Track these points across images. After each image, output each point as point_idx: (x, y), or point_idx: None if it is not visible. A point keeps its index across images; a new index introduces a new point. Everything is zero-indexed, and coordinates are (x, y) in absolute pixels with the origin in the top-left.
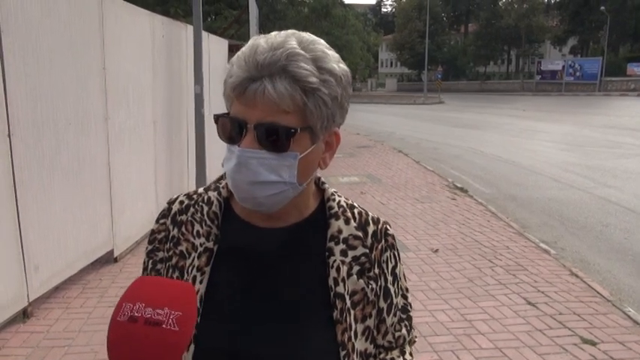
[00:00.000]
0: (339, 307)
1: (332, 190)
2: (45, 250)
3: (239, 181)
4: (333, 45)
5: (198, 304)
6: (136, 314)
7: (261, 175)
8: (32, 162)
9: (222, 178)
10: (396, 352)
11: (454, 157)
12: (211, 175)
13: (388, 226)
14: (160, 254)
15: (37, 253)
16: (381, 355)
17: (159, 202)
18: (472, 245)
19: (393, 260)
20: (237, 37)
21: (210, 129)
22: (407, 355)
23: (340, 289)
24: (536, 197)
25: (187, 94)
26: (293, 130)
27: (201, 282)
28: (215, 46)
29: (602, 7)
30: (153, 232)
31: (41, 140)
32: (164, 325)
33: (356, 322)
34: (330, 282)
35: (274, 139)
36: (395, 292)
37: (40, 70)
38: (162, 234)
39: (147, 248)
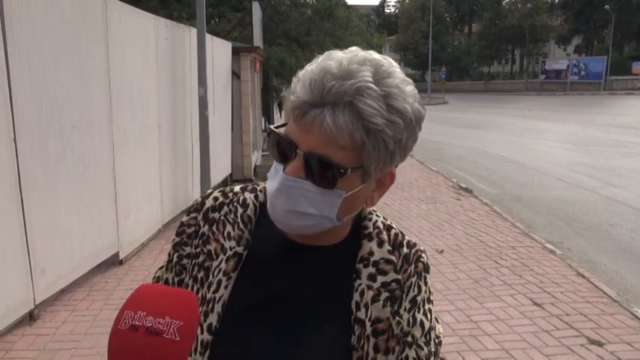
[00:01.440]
0: (357, 333)
1: (370, 208)
2: (51, 253)
3: (277, 206)
4: (336, 46)
5: (220, 310)
6: (137, 323)
7: (300, 206)
8: (37, 165)
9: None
10: None
11: (458, 158)
12: (215, 177)
13: (423, 255)
14: (188, 249)
15: (43, 256)
16: None
17: (164, 205)
18: (477, 246)
19: (416, 289)
20: (240, 40)
21: (215, 131)
22: None
23: (361, 314)
24: (542, 197)
25: (191, 97)
26: (343, 171)
27: (226, 287)
28: (219, 48)
29: (607, 6)
30: (182, 224)
31: (46, 143)
32: (165, 335)
33: (377, 351)
34: (352, 305)
35: (322, 173)
36: (409, 321)
37: (45, 73)
38: (193, 228)
39: (173, 240)
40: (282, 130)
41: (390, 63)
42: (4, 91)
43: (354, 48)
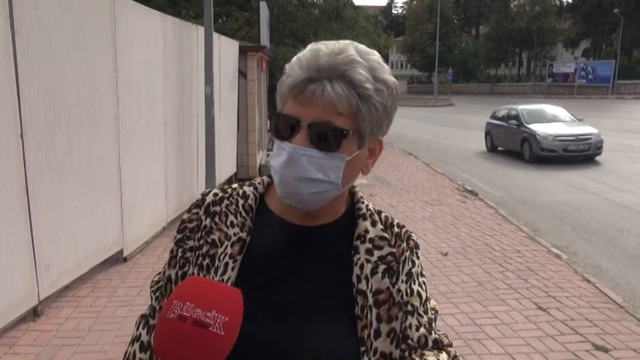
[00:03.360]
0: (360, 304)
1: (361, 194)
2: (55, 250)
3: (287, 176)
4: None
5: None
6: (185, 314)
7: (310, 173)
8: (44, 162)
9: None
10: (429, 352)
11: (464, 160)
12: (221, 176)
13: (413, 234)
14: (190, 243)
15: (48, 252)
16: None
17: (168, 203)
18: (482, 249)
19: (410, 263)
20: (247, 39)
21: (220, 130)
22: (443, 355)
23: (362, 285)
24: (547, 201)
25: (198, 95)
26: (346, 132)
27: (233, 269)
28: (226, 47)
29: (616, 10)
30: (183, 221)
31: (53, 140)
32: (211, 328)
33: (379, 321)
34: (353, 279)
35: (326, 138)
36: (407, 292)
37: (52, 71)
38: (194, 223)
39: (175, 237)
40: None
41: (365, 47)
42: (12, 88)
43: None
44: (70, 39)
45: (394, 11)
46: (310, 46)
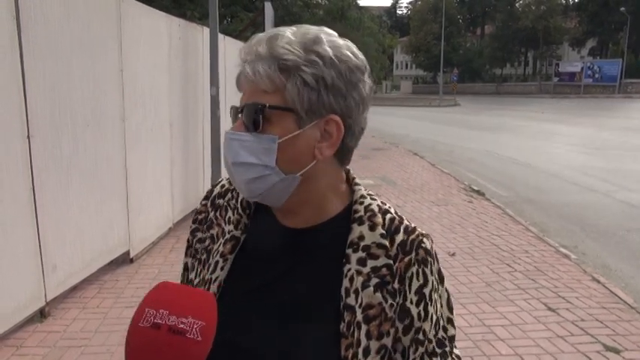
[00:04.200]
0: (346, 320)
1: (364, 192)
2: (62, 251)
3: (227, 162)
4: None
5: (215, 291)
6: (160, 321)
7: (240, 156)
8: (50, 163)
9: None
10: None
11: (470, 160)
12: (226, 176)
13: (425, 240)
14: (199, 234)
15: (55, 253)
16: None
17: (175, 203)
18: (490, 249)
19: (421, 278)
20: None
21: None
22: None
23: (351, 300)
24: (555, 201)
25: (203, 96)
26: (261, 106)
27: (222, 269)
28: (231, 48)
29: (622, 8)
30: (196, 212)
31: (59, 141)
32: (188, 335)
33: (369, 338)
34: (342, 292)
35: (251, 119)
36: (419, 315)
37: (59, 72)
38: (203, 215)
39: (190, 227)
40: None
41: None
42: (19, 89)
43: None
44: (76, 39)
45: (399, 11)
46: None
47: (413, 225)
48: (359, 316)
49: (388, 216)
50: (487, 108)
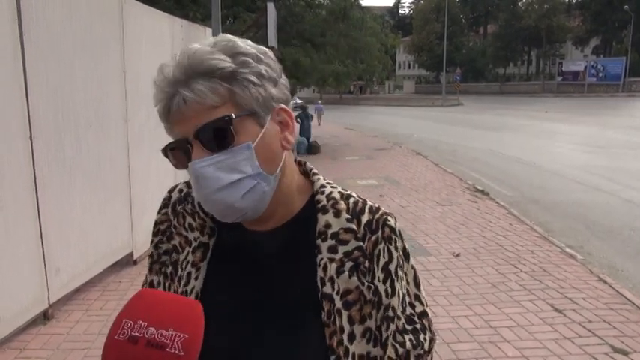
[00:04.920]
0: (326, 309)
1: (323, 181)
2: (65, 253)
3: (206, 195)
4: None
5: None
6: (137, 334)
7: (222, 179)
8: (53, 164)
9: None
10: None
11: (474, 160)
12: None
13: (390, 218)
14: (164, 246)
15: (58, 255)
16: None
17: None
18: (495, 249)
19: (387, 255)
20: (255, 40)
21: None
22: None
23: (327, 288)
24: (560, 200)
25: None
26: (228, 119)
27: (196, 278)
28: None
29: (626, 7)
30: (156, 223)
31: (62, 142)
32: (168, 349)
33: (352, 323)
34: (318, 282)
35: (216, 137)
36: (387, 292)
37: (61, 73)
38: (165, 224)
39: (152, 241)
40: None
41: (216, 37)
42: (21, 90)
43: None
44: (78, 41)
45: (401, 11)
46: (158, 68)
47: (377, 205)
48: (338, 303)
49: (351, 200)
50: (490, 107)
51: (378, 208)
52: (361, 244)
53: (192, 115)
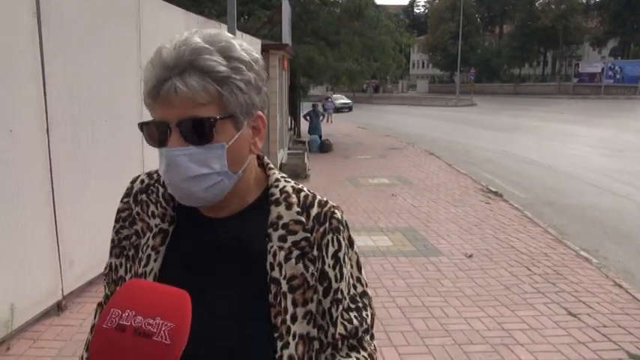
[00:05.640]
0: (273, 291)
1: (278, 175)
2: (80, 246)
3: (174, 180)
4: (366, 45)
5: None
6: (125, 322)
7: (192, 170)
8: (69, 158)
9: None
10: (354, 354)
11: (487, 161)
12: None
13: (337, 211)
14: (125, 232)
15: (73, 248)
16: (341, 353)
17: None
18: (508, 251)
19: (335, 244)
20: (269, 37)
21: None
22: (362, 355)
23: (275, 273)
24: (575, 203)
25: None
26: (213, 120)
27: (155, 260)
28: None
29: None
30: (118, 211)
31: (78, 136)
32: (155, 337)
33: (295, 306)
34: (267, 267)
35: (197, 132)
36: (336, 277)
37: (77, 66)
38: (127, 212)
39: (114, 227)
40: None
41: (214, 29)
42: (38, 84)
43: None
44: (95, 35)
45: (416, 10)
46: (157, 48)
47: (325, 199)
48: (284, 287)
49: (302, 194)
50: (505, 108)
51: (326, 202)
52: (308, 235)
53: (179, 105)
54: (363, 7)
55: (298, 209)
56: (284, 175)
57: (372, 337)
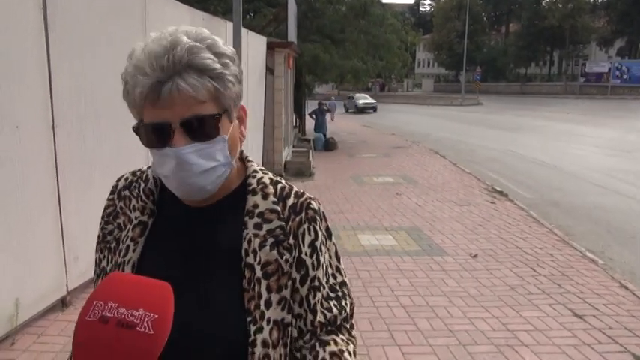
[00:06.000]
0: (247, 277)
1: (256, 167)
2: (85, 242)
3: (185, 178)
4: (371, 44)
5: (130, 271)
6: (108, 314)
7: (202, 166)
8: (75, 154)
9: None
10: (340, 340)
11: (492, 160)
12: None
13: (313, 202)
14: (109, 227)
15: (77, 244)
16: (321, 337)
17: None
18: (513, 252)
19: (312, 233)
20: (275, 35)
21: (247, 126)
22: (350, 347)
23: (250, 259)
24: (581, 204)
25: None
26: (217, 116)
27: (134, 251)
28: (254, 43)
29: None
30: (104, 208)
31: (83, 133)
32: (138, 328)
33: (269, 291)
34: (242, 253)
35: (203, 129)
36: (313, 264)
37: (83, 63)
38: (111, 209)
39: (100, 223)
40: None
41: (192, 27)
42: (45, 81)
43: (153, 33)
44: (101, 31)
45: (422, 9)
46: (138, 49)
47: (302, 191)
48: (258, 273)
49: (279, 185)
50: (510, 108)
51: (303, 193)
52: (283, 224)
53: (180, 104)
54: (369, 5)
55: (274, 199)
56: (262, 168)
57: (351, 327)
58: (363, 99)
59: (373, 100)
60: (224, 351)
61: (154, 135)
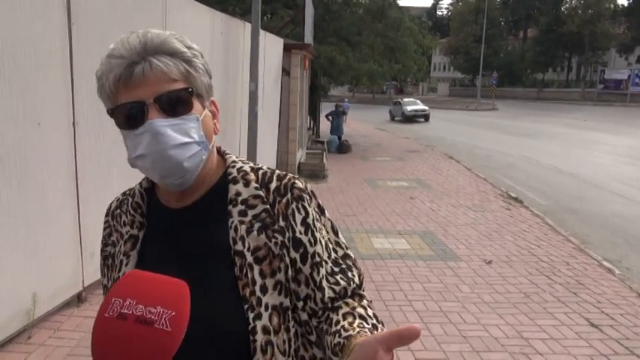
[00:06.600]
0: (238, 264)
1: (235, 158)
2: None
3: (161, 151)
4: (387, 47)
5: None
6: (126, 311)
7: (176, 139)
8: (94, 151)
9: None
10: (350, 301)
11: (508, 166)
12: None
13: (297, 181)
14: (108, 249)
15: (94, 240)
16: (337, 303)
17: None
18: (528, 259)
19: (302, 212)
20: (292, 37)
21: (262, 127)
22: (364, 302)
23: (239, 246)
24: (598, 212)
25: (242, 92)
26: (190, 90)
27: (127, 264)
28: (271, 44)
29: None
30: (103, 230)
31: (103, 131)
32: (156, 325)
33: (263, 277)
34: (230, 242)
35: (177, 104)
36: (310, 241)
37: None
38: (107, 230)
39: (100, 248)
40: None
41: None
42: (67, 78)
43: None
44: (123, 30)
45: (439, 12)
46: (114, 44)
47: (284, 172)
48: (249, 259)
49: (261, 172)
50: (527, 113)
51: (285, 175)
52: (268, 207)
53: (154, 82)
54: (386, 8)
55: (256, 185)
56: (242, 158)
57: (363, 296)
58: (413, 105)
59: (425, 107)
60: (228, 342)
61: (127, 115)
